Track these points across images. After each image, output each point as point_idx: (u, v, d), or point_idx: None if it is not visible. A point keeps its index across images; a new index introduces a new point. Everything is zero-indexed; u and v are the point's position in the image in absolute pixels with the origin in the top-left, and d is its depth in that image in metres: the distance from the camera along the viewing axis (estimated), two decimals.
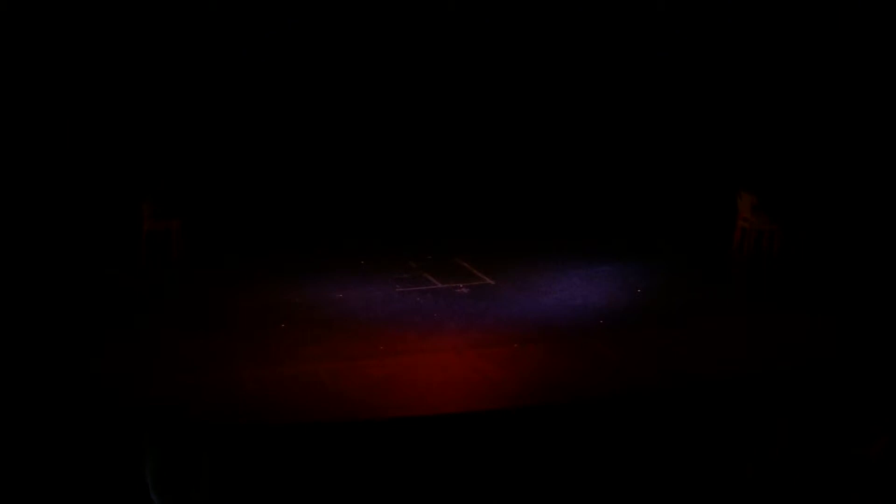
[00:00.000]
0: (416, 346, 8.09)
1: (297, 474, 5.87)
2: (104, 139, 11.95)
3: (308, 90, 12.72)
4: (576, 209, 12.92)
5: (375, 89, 12.91)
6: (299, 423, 6.48)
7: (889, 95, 12.03)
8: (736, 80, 12.79)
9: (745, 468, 5.68)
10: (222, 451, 6.09)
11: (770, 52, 12.60)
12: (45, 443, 6.15)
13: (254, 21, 12.27)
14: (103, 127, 11.95)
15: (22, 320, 8.73)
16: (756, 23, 12.56)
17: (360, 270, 10.64)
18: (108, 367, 7.57)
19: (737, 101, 12.79)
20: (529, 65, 13.13)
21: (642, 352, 7.94)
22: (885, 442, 5.64)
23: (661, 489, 5.72)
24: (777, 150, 12.43)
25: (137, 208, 11.07)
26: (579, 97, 13.16)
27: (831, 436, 5.91)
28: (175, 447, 5.66)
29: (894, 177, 11.77)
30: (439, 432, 6.44)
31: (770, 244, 10.93)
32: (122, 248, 11.13)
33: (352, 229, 12.46)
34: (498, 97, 13.18)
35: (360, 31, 12.63)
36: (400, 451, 6.21)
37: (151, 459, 5.54)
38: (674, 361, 7.66)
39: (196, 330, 8.53)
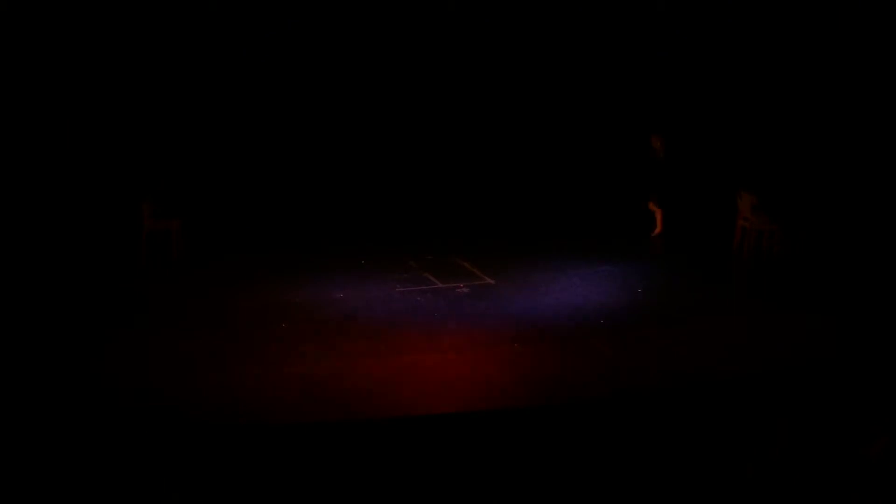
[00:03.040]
0: (416, 346, 8.09)
1: (297, 474, 5.87)
2: (104, 139, 11.96)
3: (308, 90, 12.73)
4: (575, 209, 12.93)
5: (375, 89, 12.92)
6: (299, 423, 6.48)
7: (889, 95, 12.03)
8: (736, 80, 12.80)
9: (745, 468, 5.68)
10: (222, 451, 6.11)
11: (770, 52, 12.60)
12: (46, 443, 6.15)
13: (254, 21, 12.27)
14: (103, 127, 11.96)
15: (22, 320, 8.73)
16: (756, 23, 12.57)
17: (360, 270, 10.64)
18: (107, 368, 7.57)
19: (737, 102, 12.79)
20: (529, 65, 13.14)
21: (642, 352, 7.94)
22: (885, 442, 5.64)
23: (661, 489, 5.71)
24: (777, 150, 12.43)
25: (137, 208, 11.07)
26: (579, 97, 13.16)
27: (831, 436, 5.90)
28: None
29: (894, 177, 11.77)
30: (439, 432, 6.44)
31: (770, 244, 10.93)
32: (122, 248, 11.13)
33: (352, 229, 12.47)
34: (498, 97, 13.19)
35: (360, 31, 12.64)
36: (400, 451, 6.21)
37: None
38: (674, 361, 7.66)
39: (196, 330, 8.53)
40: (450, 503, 5.70)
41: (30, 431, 6.32)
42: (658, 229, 12.14)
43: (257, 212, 12.54)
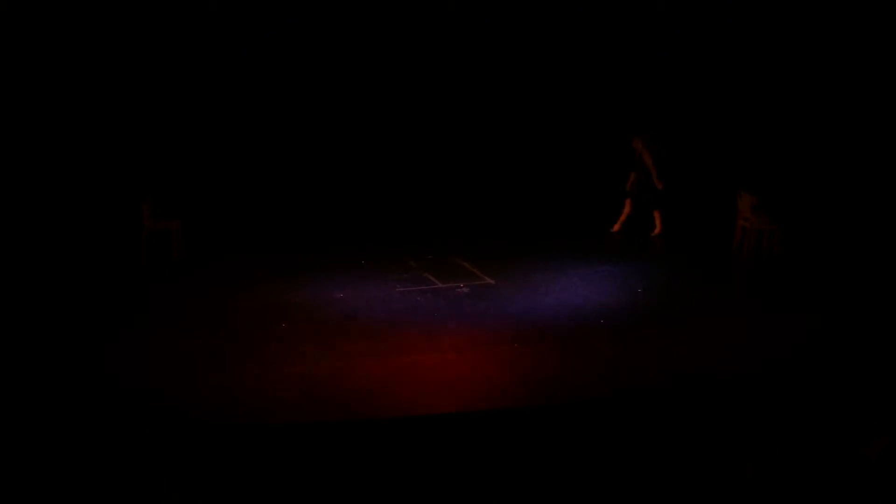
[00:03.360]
0: (416, 346, 8.09)
1: (297, 474, 5.87)
2: (104, 139, 11.96)
3: (308, 90, 12.74)
4: (575, 209, 12.93)
5: (375, 89, 12.93)
6: (299, 423, 6.48)
7: (889, 95, 12.03)
8: (736, 80, 12.81)
9: (745, 468, 5.68)
10: (222, 451, 6.11)
11: (770, 53, 12.61)
12: (46, 443, 6.15)
13: (254, 21, 12.28)
14: (103, 127, 11.97)
15: (22, 320, 8.73)
16: (756, 23, 12.57)
17: (360, 270, 10.64)
18: (107, 368, 7.56)
19: (737, 102, 12.80)
20: (530, 65, 13.15)
21: (642, 352, 7.94)
22: (885, 442, 5.64)
23: (662, 489, 5.71)
24: (777, 150, 12.43)
25: (137, 208, 11.07)
26: (579, 98, 13.17)
27: (831, 436, 5.91)
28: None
29: (894, 177, 11.78)
30: (439, 432, 6.44)
31: (770, 244, 10.94)
32: (122, 248, 11.13)
33: (352, 229, 12.47)
34: (499, 98, 13.19)
35: (360, 31, 12.65)
36: (400, 451, 6.21)
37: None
38: (674, 361, 7.66)
39: (196, 330, 8.53)
40: (450, 503, 5.70)
41: (30, 431, 6.32)
42: (658, 229, 12.15)
43: (257, 212, 12.54)
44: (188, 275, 10.64)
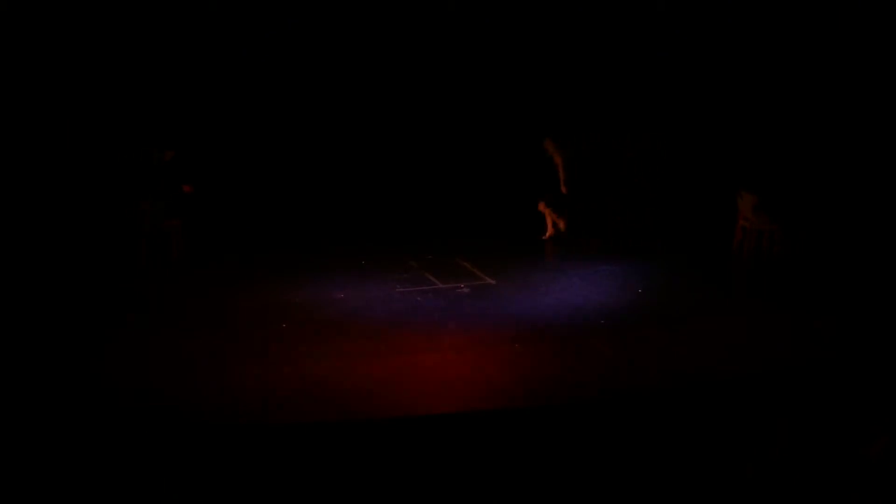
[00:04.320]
0: (416, 346, 8.08)
1: (297, 474, 5.87)
2: (104, 139, 11.96)
3: (308, 90, 12.74)
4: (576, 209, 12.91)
5: (375, 89, 12.93)
6: (299, 423, 6.47)
7: (889, 95, 12.03)
8: (736, 79, 12.80)
9: (745, 468, 5.68)
10: (222, 451, 6.11)
11: (770, 53, 12.60)
12: (46, 443, 6.15)
13: (254, 21, 12.28)
14: (103, 126, 11.96)
15: (21, 320, 8.73)
16: (756, 23, 12.57)
17: (360, 270, 10.64)
18: (107, 368, 7.56)
19: (737, 101, 12.79)
20: (529, 65, 13.14)
21: (642, 352, 7.94)
22: (885, 442, 5.64)
23: (661, 489, 5.71)
24: (777, 150, 12.42)
25: (137, 208, 11.07)
26: (579, 97, 13.16)
27: (831, 436, 5.91)
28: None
29: (894, 177, 11.77)
30: (439, 432, 6.44)
31: (770, 244, 10.93)
32: (122, 248, 11.13)
33: (352, 229, 12.47)
34: (499, 97, 13.19)
35: (359, 31, 12.65)
36: (400, 451, 6.21)
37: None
38: (674, 361, 7.65)
39: (196, 330, 8.53)
40: (450, 503, 5.70)
41: (30, 431, 6.32)
42: (549, 232, 12.02)
43: (257, 212, 12.54)
44: (188, 275, 10.64)
